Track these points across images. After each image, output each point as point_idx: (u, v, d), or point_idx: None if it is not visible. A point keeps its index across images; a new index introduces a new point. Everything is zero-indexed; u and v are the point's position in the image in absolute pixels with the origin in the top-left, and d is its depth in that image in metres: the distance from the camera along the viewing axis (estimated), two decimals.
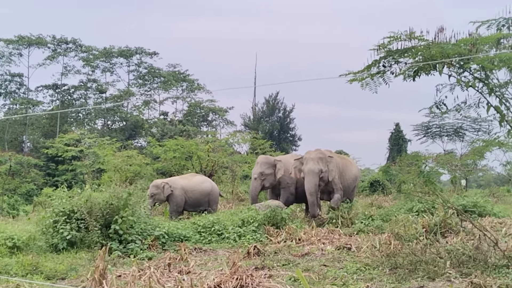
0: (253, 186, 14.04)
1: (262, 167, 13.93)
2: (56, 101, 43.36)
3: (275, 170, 13.89)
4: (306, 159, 12.86)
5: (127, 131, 40.65)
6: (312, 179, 12.51)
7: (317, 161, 12.65)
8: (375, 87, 6.28)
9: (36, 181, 25.58)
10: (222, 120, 46.58)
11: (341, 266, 7.22)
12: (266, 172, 13.85)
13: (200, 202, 13.74)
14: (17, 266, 6.99)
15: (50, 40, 42.06)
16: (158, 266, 6.91)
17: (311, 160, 12.70)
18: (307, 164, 12.69)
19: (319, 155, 12.82)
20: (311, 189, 12.48)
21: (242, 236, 9.83)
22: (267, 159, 14.27)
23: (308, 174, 12.57)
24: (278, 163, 13.96)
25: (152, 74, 46.01)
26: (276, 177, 13.87)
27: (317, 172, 12.55)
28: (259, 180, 13.87)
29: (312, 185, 12.49)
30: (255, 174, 13.99)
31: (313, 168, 12.54)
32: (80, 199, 9.02)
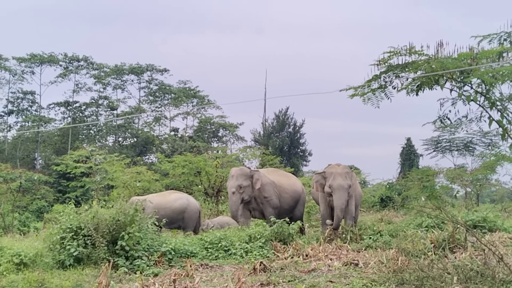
0: (232, 201, 13.37)
1: (239, 179, 13.30)
2: (67, 118, 43.83)
3: (252, 182, 13.38)
4: (332, 174, 12.35)
5: (138, 147, 40.88)
6: (343, 195, 12.08)
7: (345, 176, 12.28)
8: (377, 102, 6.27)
9: (47, 197, 25.73)
10: (233, 135, 46.76)
11: (348, 282, 7.16)
12: (244, 185, 13.24)
13: (172, 219, 12.99)
14: (23, 283, 7.01)
15: (61, 58, 42.69)
16: (163, 282, 6.90)
17: (339, 175, 12.26)
18: (336, 179, 12.22)
19: (346, 170, 12.49)
20: (342, 205, 12.02)
21: (249, 252, 9.78)
22: (242, 171, 13.65)
23: (338, 190, 12.11)
24: (255, 174, 13.51)
25: (163, 91, 46.43)
26: (254, 189, 13.36)
27: (347, 187, 12.16)
28: (237, 194, 13.23)
29: (343, 201, 12.05)
30: (232, 188, 13.30)
31: (342, 184, 12.13)
32: (87, 216, 9.05)
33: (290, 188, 14.17)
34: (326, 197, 12.59)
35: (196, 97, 47.69)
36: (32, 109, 43.49)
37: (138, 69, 45.38)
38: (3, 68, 41.98)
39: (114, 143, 43.93)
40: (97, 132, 44.89)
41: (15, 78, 42.88)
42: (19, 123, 43.48)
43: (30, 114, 42.76)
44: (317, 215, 17.16)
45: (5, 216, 17.82)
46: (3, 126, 43.50)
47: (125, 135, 44.64)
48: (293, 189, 14.28)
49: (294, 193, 14.21)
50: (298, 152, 42.56)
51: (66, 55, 42.79)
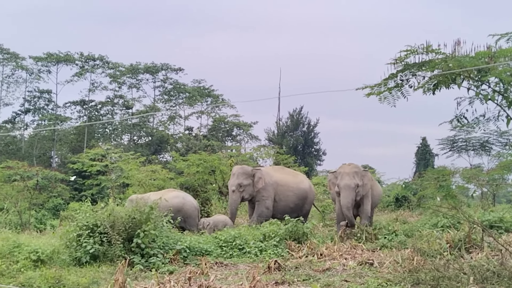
0: (232, 200, 13.49)
1: (240, 178, 13.39)
2: (83, 117, 44.14)
3: (253, 180, 13.42)
4: (341, 174, 12.49)
5: (153, 146, 41.06)
6: (349, 194, 12.18)
7: (353, 175, 12.33)
8: (393, 101, 6.24)
9: (63, 195, 25.94)
10: (247, 134, 46.75)
11: (363, 281, 7.14)
12: (244, 183, 13.33)
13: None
14: (40, 279, 7.09)
15: (77, 57, 42.98)
16: (178, 280, 6.94)
17: (346, 174, 12.35)
18: (343, 179, 12.33)
19: (355, 169, 12.52)
20: (348, 204, 12.15)
21: (264, 250, 9.81)
22: (243, 169, 13.69)
23: (344, 189, 12.24)
24: (257, 173, 13.50)
25: (178, 90, 46.56)
26: (255, 188, 13.40)
27: (353, 187, 12.23)
28: (237, 193, 13.34)
29: (349, 200, 12.17)
30: (232, 186, 13.41)
31: (349, 183, 12.21)
32: (103, 213, 9.13)
33: (295, 186, 14.17)
34: (338, 196, 12.62)
35: (210, 96, 47.78)
36: (48, 108, 43.84)
37: (153, 68, 45.58)
38: (20, 67, 42.37)
39: (129, 141, 44.17)
40: (113, 130, 45.16)
41: (31, 77, 43.28)
42: (36, 121, 43.89)
43: (47, 113, 43.11)
44: (331, 215, 17.11)
45: (22, 214, 18.00)
46: (20, 124, 43.94)
47: (140, 134, 44.86)
48: (299, 187, 14.26)
49: (300, 191, 14.19)
50: (312, 151, 42.44)
51: (82, 54, 43.09)
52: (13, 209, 18.02)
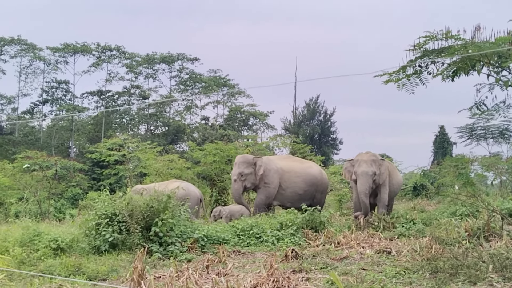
0: (234, 189, 13.48)
1: (241, 167, 13.36)
2: (100, 107, 44.45)
3: (255, 169, 13.36)
4: (358, 161, 12.50)
5: (169, 136, 41.25)
6: (366, 181, 12.19)
7: (370, 163, 12.33)
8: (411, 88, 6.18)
9: (82, 185, 26.23)
10: (263, 124, 46.76)
11: (380, 270, 7.11)
12: (245, 172, 13.30)
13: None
14: (60, 267, 7.18)
15: (94, 48, 43.26)
16: (197, 268, 6.97)
17: (364, 162, 12.37)
18: (360, 166, 12.36)
19: (372, 158, 12.52)
20: (365, 190, 12.17)
21: (281, 239, 9.82)
22: (244, 158, 13.66)
23: (362, 176, 12.25)
24: (258, 161, 13.43)
25: (194, 80, 46.68)
26: (257, 176, 13.34)
27: (371, 174, 12.23)
28: (239, 182, 13.31)
29: (366, 187, 12.17)
30: (234, 176, 13.43)
31: (366, 170, 12.22)
32: (121, 202, 9.21)
33: (302, 172, 14.00)
34: (355, 184, 12.59)
35: (226, 86, 47.82)
36: (66, 98, 44.29)
37: (169, 58, 45.70)
38: (37, 58, 42.79)
39: (146, 131, 44.42)
40: (130, 121, 45.44)
41: (49, 67, 43.72)
42: (54, 112, 44.35)
43: (64, 103, 43.53)
44: (348, 203, 17.07)
45: (41, 203, 18.24)
46: (38, 115, 44.40)
47: (157, 124, 45.10)
48: (307, 172, 14.07)
49: (308, 176, 14.00)
50: (328, 140, 42.35)
51: (98, 44, 43.37)
52: (33, 198, 18.28)
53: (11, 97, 43.85)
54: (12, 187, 18.48)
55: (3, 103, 44.30)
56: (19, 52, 42.59)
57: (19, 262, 7.53)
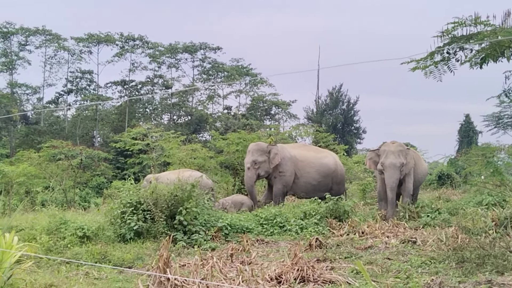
0: (247, 177, 13.22)
1: (254, 155, 13.12)
2: (124, 97, 44.81)
3: (269, 157, 13.13)
4: (385, 152, 12.16)
5: (192, 125, 41.40)
6: (394, 173, 11.90)
7: (398, 154, 12.01)
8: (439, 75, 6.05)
9: (106, 174, 26.52)
10: (285, 113, 46.65)
11: (406, 259, 7.07)
12: (259, 160, 13.05)
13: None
14: (86, 255, 7.28)
15: (118, 38, 43.54)
16: (221, 257, 7.01)
17: (391, 153, 12.04)
18: (388, 157, 12.02)
19: (399, 148, 12.18)
20: (392, 184, 11.88)
21: (304, 228, 9.81)
22: (258, 146, 13.40)
23: (390, 168, 11.94)
24: (272, 149, 13.18)
25: (216, 69, 46.70)
26: (271, 164, 13.10)
27: (399, 166, 11.92)
28: (252, 170, 13.08)
29: (394, 180, 11.88)
30: (247, 163, 13.20)
31: (395, 162, 11.91)
32: (146, 191, 9.28)
33: (316, 162, 13.74)
34: (380, 174, 12.42)
35: (248, 75, 47.73)
36: (90, 88, 44.71)
37: (192, 47, 45.76)
38: (62, 48, 43.21)
39: (169, 121, 44.65)
40: (153, 110, 45.73)
41: (73, 57, 44.14)
42: (78, 101, 44.82)
43: (89, 93, 43.97)
44: (372, 193, 16.96)
45: (67, 192, 18.48)
46: (63, 104, 44.93)
47: (180, 114, 45.27)
48: (321, 162, 13.79)
49: (323, 167, 13.73)
50: (352, 129, 42.09)
51: (122, 34, 43.60)
52: (58, 187, 18.53)
53: (36, 87, 44.40)
54: (38, 176, 18.71)
55: (29, 93, 44.90)
56: (44, 42, 43.05)
57: (46, 250, 7.65)
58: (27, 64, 43.20)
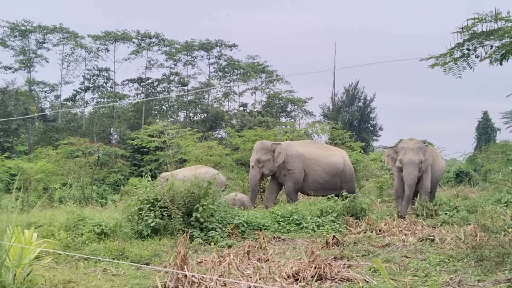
0: (251, 175, 13.31)
1: (259, 153, 13.17)
2: (141, 94, 45.06)
3: (273, 156, 13.13)
4: (403, 149, 12.10)
5: (208, 122, 41.50)
6: (412, 170, 11.84)
7: (417, 151, 11.95)
8: (458, 72, 5.98)
9: (123, 171, 26.69)
10: (301, 110, 46.59)
11: (424, 257, 7.02)
12: (263, 159, 13.08)
13: None
14: (104, 251, 7.33)
15: (134, 35, 43.74)
16: (238, 254, 7.01)
17: (410, 150, 11.98)
18: (406, 154, 11.96)
19: (418, 145, 12.13)
20: (411, 181, 11.83)
21: (321, 226, 9.78)
22: (263, 145, 13.41)
23: (408, 165, 11.88)
24: (277, 147, 13.17)
25: (232, 66, 46.74)
26: (275, 163, 13.10)
27: (418, 163, 11.87)
28: (256, 168, 13.13)
29: (413, 177, 11.83)
30: (252, 162, 13.27)
31: (413, 159, 11.85)
32: (163, 188, 9.32)
33: (324, 160, 13.60)
34: (398, 171, 12.34)
35: (264, 72, 47.71)
36: (107, 86, 45.01)
37: (208, 45, 45.84)
38: (79, 46, 43.57)
39: (185, 118, 44.79)
40: (169, 107, 45.89)
41: (90, 55, 44.48)
42: (95, 99, 45.17)
43: (105, 91, 44.28)
44: (388, 190, 16.87)
45: (85, 189, 18.63)
46: (80, 102, 45.30)
47: (196, 111, 45.40)
48: (328, 161, 13.63)
49: (329, 166, 13.58)
50: (368, 126, 41.92)
51: (138, 32, 43.79)
52: (76, 184, 18.67)
53: (54, 85, 44.84)
54: (56, 173, 18.87)
55: (46, 91, 45.38)
56: (61, 40, 43.45)
57: (64, 246, 7.70)
58: (44, 62, 43.69)
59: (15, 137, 36.18)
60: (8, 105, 36.25)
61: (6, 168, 19.05)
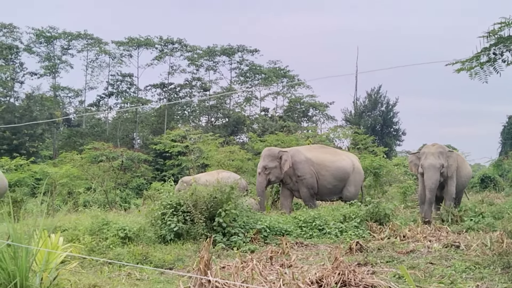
0: (258, 182, 13.19)
1: (265, 160, 13.06)
2: (163, 100, 45.45)
3: (280, 163, 13.01)
4: (425, 154, 12.04)
5: (230, 127, 41.62)
6: (433, 174, 11.73)
7: (438, 155, 11.84)
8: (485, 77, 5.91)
9: (146, 175, 26.89)
10: (323, 115, 46.44)
11: (449, 264, 6.92)
12: (269, 166, 12.98)
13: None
14: (128, 256, 7.38)
15: (157, 41, 44.16)
16: (260, 259, 6.99)
17: (431, 154, 11.90)
18: (427, 158, 11.89)
19: (439, 149, 12.02)
20: (431, 185, 11.70)
21: (344, 231, 9.70)
22: (270, 151, 13.30)
23: (429, 169, 11.79)
24: (283, 155, 13.04)
25: (253, 71, 46.91)
26: (282, 170, 12.97)
27: (438, 167, 11.75)
28: (263, 175, 13.01)
29: (433, 181, 11.72)
30: (259, 169, 13.20)
31: (434, 163, 11.75)
32: (185, 193, 9.35)
33: (332, 165, 13.45)
34: (421, 177, 12.24)
35: (286, 77, 47.78)
36: (130, 91, 45.46)
37: (230, 50, 46.06)
38: (103, 52, 44.15)
39: (207, 123, 45.01)
40: (191, 112, 46.17)
41: (114, 61, 45.04)
42: (119, 104, 45.67)
43: (129, 96, 44.73)
44: (412, 196, 16.70)
45: (108, 193, 18.80)
46: (104, 107, 45.84)
47: (217, 116, 45.58)
48: (336, 166, 13.48)
49: (338, 171, 13.42)
50: (391, 131, 41.61)
51: (161, 38, 44.20)
52: (100, 188, 18.86)
53: (78, 90, 45.53)
54: (80, 177, 19.08)
55: (71, 96, 46.05)
56: (85, 46, 44.08)
57: (89, 250, 7.78)
58: (69, 68, 44.36)
59: (40, 142, 36.76)
60: (34, 110, 36.85)
61: (31, 173, 19.33)
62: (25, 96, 39.15)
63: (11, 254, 4.70)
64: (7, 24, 40.51)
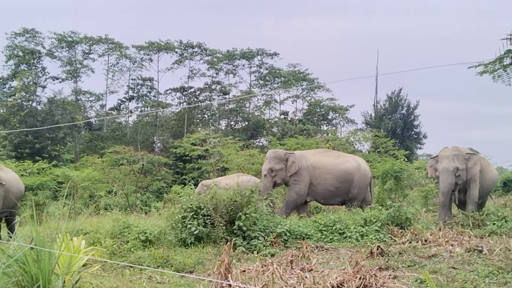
0: (263, 184, 12.94)
1: (271, 162, 13.00)
2: (183, 103, 45.67)
3: (286, 165, 12.95)
4: (441, 157, 12.09)
5: (249, 130, 41.65)
6: (446, 178, 11.74)
7: (452, 158, 11.83)
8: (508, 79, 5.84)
9: (166, 179, 27.03)
10: (343, 118, 46.23)
11: (472, 269, 6.83)
12: (275, 168, 12.92)
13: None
14: (149, 259, 7.42)
15: (177, 45, 44.40)
16: (281, 263, 6.98)
17: (445, 158, 11.93)
18: (442, 162, 11.94)
19: (454, 152, 11.99)
20: (444, 188, 11.75)
21: (365, 235, 9.64)
22: (276, 153, 13.24)
23: (442, 172, 11.83)
24: (290, 157, 13.00)
25: (273, 75, 46.87)
26: (288, 172, 12.92)
27: (452, 170, 11.73)
28: (269, 177, 12.95)
29: (446, 185, 11.74)
30: (264, 171, 13.12)
31: (447, 166, 11.77)
32: (206, 196, 9.39)
33: (334, 168, 13.36)
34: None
35: (305, 80, 47.67)
36: (150, 95, 45.77)
37: (249, 53, 46.11)
38: (124, 56, 44.51)
39: (227, 126, 45.10)
40: (211, 116, 46.31)
41: (135, 65, 45.37)
42: (139, 108, 45.99)
43: (149, 100, 45.04)
44: (433, 200, 16.54)
45: (129, 196, 18.96)
46: (125, 111, 46.21)
47: (237, 119, 45.65)
48: (339, 168, 13.38)
49: (340, 173, 13.32)
50: (412, 134, 41.27)
51: (181, 42, 44.44)
52: (121, 191, 19.02)
53: (99, 94, 45.91)
54: (101, 181, 19.27)
55: (92, 100, 46.46)
56: (106, 51, 44.47)
57: (110, 253, 7.85)
58: (90, 72, 44.74)
59: (62, 146, 37.23)
60: (56, 114, 37.35)
61: (53, 176, 19.57)
62: (47, 100, 39.69)
63: (34, 257, 4.76)
64: (30, 29, 41.09)
